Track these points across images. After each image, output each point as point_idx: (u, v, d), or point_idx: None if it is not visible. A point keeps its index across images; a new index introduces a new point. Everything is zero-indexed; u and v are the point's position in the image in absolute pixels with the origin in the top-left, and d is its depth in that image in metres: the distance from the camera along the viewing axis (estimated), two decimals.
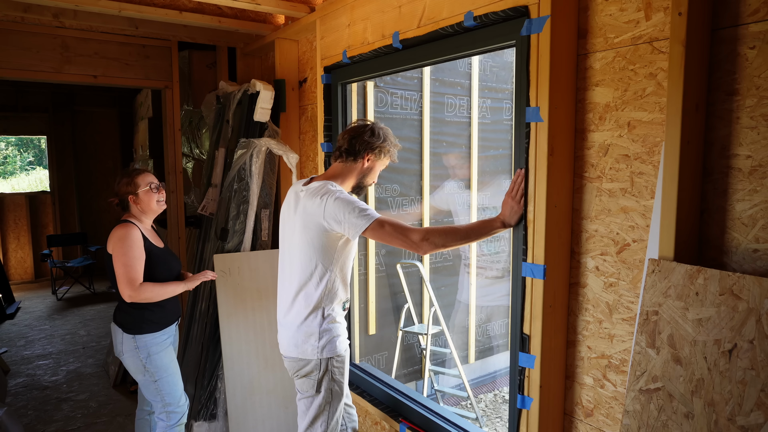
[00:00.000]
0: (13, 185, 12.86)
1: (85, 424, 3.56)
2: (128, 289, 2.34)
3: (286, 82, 3.33)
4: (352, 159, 2.09)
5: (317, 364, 2.02)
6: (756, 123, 1.27)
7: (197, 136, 4.79)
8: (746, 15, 1.27)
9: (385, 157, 2.13)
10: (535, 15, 1.61)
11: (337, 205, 1.90)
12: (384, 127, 2.13)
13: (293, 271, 2.07)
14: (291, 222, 2.09)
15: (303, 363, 2.04)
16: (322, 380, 2.03)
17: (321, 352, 2.02)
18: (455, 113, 3.96)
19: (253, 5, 2.79)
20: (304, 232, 2.01)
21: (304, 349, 2.03)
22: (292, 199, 2.14)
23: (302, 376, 2.06)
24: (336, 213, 1.90)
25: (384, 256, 3.68)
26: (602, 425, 1.65)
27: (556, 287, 1.69)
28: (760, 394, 1.14)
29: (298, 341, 2.04)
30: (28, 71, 3.39)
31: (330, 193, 1.94)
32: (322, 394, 2.04)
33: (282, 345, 2.13)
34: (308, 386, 2.05)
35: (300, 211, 2.03)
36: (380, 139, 2.09)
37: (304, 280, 2.03)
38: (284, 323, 2.12)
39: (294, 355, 2.06)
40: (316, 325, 2.02)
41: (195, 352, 3.28)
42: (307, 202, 2.00)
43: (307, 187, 2.05)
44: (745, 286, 1.18)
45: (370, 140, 2.07)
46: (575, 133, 1.67)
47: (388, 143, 2.11)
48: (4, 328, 5.73)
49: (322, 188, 1.98)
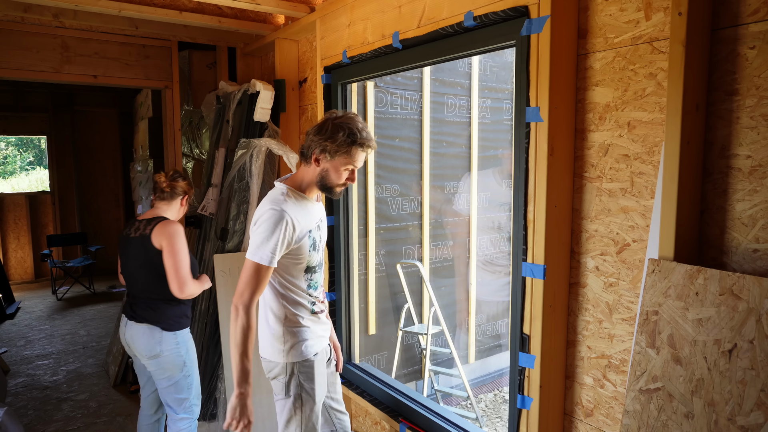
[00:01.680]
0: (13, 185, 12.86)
1: (85, 424, 3.56)
2: (179, 283, 2.38)
3: (286, 82, 3.33)
4: (304, 160, 1.93)
5: (283, 367, 1.98)
6: (756, 123, 1.27)
7: (197, 136, 4.79)
8: (746, 15, 1.27)
9: (337, 156, 1.84)
10: (535, 15, 1.61)
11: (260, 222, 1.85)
12: (343, 121, 1.84)
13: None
14: None
15: (272, 365, 2.02)
16: (289, 384, 2.00)
17: (286, 356, 1.97)
18: (455, 113, 3.96)
19: (253, 5, 2.79)
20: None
21: (271, 351, 2.00)
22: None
23: (272, 378, 2.04)
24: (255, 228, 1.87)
25: (384, 256, 3.68)
26: (602, 425, 1.65)
27: (556, 287, 1.69)
28: (760, 394, 1.14)
29: (266, 343, 2.02)
30: (28, 71, 3.39)
31: (264, 207, 1.88)
32: (291, 398, 2.00)
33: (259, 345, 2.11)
34: (278, 388, 2.03)
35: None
36: (326, 134, 1.82)
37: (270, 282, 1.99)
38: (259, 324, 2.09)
39: (264, 356, 2.04)
40: (279, 329, 1.98)
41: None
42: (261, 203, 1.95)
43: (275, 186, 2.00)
44: (745, 286, 1.18)
45: (315, 138, 1.85)
46: (575, 133, 1.67)
47: (338, 141, 1.81)
48: (4, 328, 5.73)
49: (270, 196, 1.93)
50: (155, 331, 2.44)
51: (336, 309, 2.91)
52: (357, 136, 1.83)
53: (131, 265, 2.51)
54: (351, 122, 1.84)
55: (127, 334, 2.50)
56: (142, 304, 2.47)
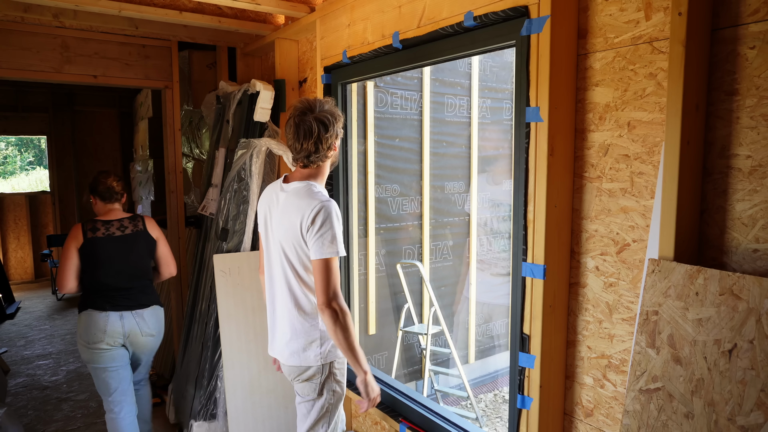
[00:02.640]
0: (13, 185, 12.86)
1: (85, 424, 3.56)
2: (174, 264, 2.98)
3: (286, 82, 3.33)
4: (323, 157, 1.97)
5: (319, 368, 1.99)
6: (756, 123, 1.27)
7: (197, 136, 4.79)
8: (746, 15, 1.27)
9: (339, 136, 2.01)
10: (535, 15, 1.61)
11: (317, 215, 1.85)
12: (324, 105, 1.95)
13: (282, 276, 2.00)
14: (276, 223, 2.00)
15: (304, 369, 2.00)
16: (324, 383, 2.00)
17: (324, 358, 1.98)
18: (455, 113, 3.96)
19: (253, 5, 2.79)
20: (288, 235, 1.93)
21: (305, 356, 1.98)
22: (273, 198, 2.04)
23: (303, 380, 2.02)
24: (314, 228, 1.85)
25: (384, 256, 3.68)
26: (602, 425, 1.65)
27: (556, 287, 1.69)
28: (760, 394, 1.14)
29: (298, 349, 1.98)
30: (28, 71, 3.39)
31: (321, 203, 1.87)
32: (324, 396, 2.01)
33: (279, 353, 2.07)
34: (309, 390, 2.01)
35: (287, 211, 1.94)
36: (334, 124, 1.95)
37: (295, 285, 1.97)
38: (279, 331, 2.05)
39: (295, 363, 2.00)
40: (316, 332, 1.97)
41: (195, 352, 3.28)
42: (292, 203, 1.92)
43: (290, 187, 1.97)
44: (745, 286, 1.18)
45: (331, 134, 1.93)
46: (575, 133, 1.67)
47: (337, 119, 1.97)
48: (4, 328, 5.73)
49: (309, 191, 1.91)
50: (159, 311, 2.88)
51: None
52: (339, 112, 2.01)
53: (129, 258, 2.74)
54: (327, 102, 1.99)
55: (129, 323, 2.71)
56: (139, 291, 2.78)
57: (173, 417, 3.48)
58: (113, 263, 2.70)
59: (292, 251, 1.94)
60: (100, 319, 2.65)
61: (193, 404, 3.15)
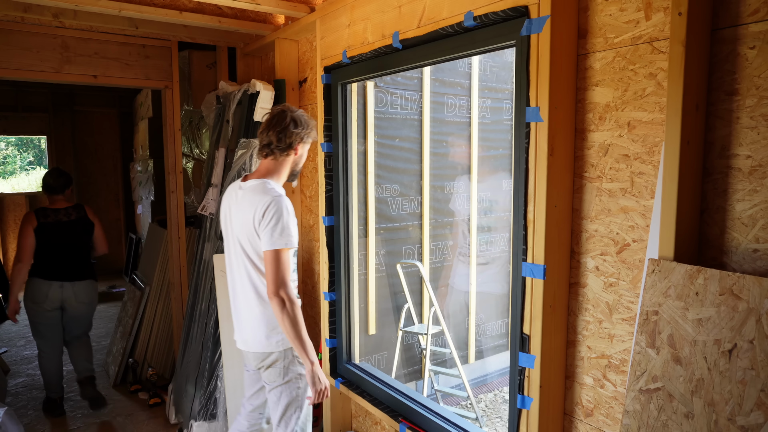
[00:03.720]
0: (13, 185, 12.86)
1: (85, 424, 3.56)
2: (107, 243, 3.81)
3: (286, 82, 3.33)
4: (285, 154, 2.15)
5: (281, 353, 2.10)
6: (756, 123, 1.27)
7: (197, 136, 4.79)
8: (746, 15, 1.27)
9: (308, 142, 2.21)
10: (535, 15, 1.61)
11: (269, 209, 1.99)
12: (300, 111, 2.19)
13: (242, 268, 2.13)
14: (234, 218, 2.15)
15: (264, 355, 2.11)
16: (288, 367, 2.10)
17: (285, 343, 2.09)
18: (455, 113, 3.96)
19: (253, 5, 2.79)
20: (244, 230, 2.08)
21: (268, 343, 2.09)
22: (232, 196, 2.19)
23: (268, 366, 2.12)
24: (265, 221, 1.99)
25: (384, 256, 3.68)
26: (602, 425, 1.65)
27: (556, 287, 1.69)
28: (760, 394, 1.14)
29: (261, 337, 2.10)
30: (28, 71, 3.39)
31: (272, 198, 2.01)
32: (290, 381, 2.11)
33: (243, 341, 2.18)
34: (275, 375, 2.11)
35: (242, 207, 2.09)
36: (305, 126, 2.16)
37: (254, 275, 2.09)
38: (243, 321, 2.17)
39: (259, 350, 2.11)
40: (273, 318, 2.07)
41: (195, 352, 3.28)
42: (247, 199, 2.07)
43: (246, 184, 2.12)
44: (745, 286, 1.18)
45: (296, 131, 2.13)
46: (575, 133, 1.67)
47: (310, 127, 2.18)
48: (4, 328, 5.73)
49: (264, 187, 2.06)
50: (93, 283, 3.67)
51: (336, 309, 2.91)
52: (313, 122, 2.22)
53: (71, 239, 3.54)
54: (305, 112, 2.22)
55: (67, 291, 3.51)
56: (80, 266, 3.58)
57: (173, 417, 3.48)
58: (59, 243, 3.48)
59: (248, 244, 2.08)
60: (44, 286, 3.45)
61: (193, 404, 3.15)
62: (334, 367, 2.96)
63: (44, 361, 3.61)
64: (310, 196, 3.35)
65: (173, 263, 4.11)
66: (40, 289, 3.45)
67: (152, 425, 3.51)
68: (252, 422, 2.37)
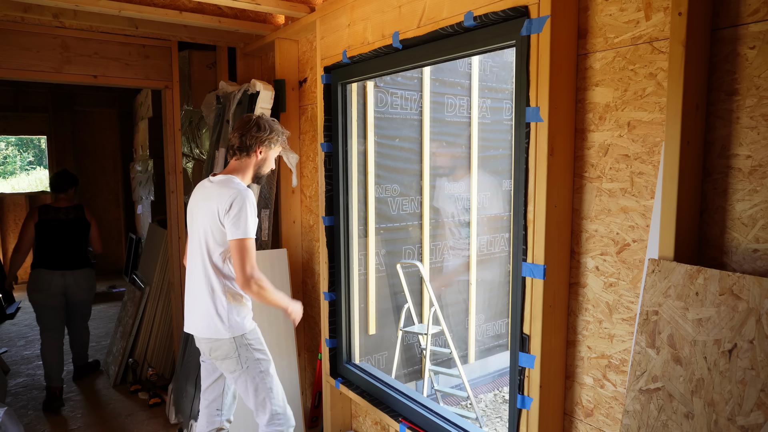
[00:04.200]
0: (13, 185, 12.86)
1: (85, 424, 3.56)
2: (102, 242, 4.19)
3: (286, 82, 3.33)
4: (245, 155, 2.28)
5: (231, 341, 2.21)
6: (756, 123, 1.27)
7: (197, 136, 4.79)
8: (746, 15, 1.27)
9: (275, 146, 2.34)
10: (535, 15, 1.61)
11: (234, 200, 2.13)
12: (269, 119, 2.33)
13: (199, 256, 2.25)
14: (200, 210, 2.26)
15: (218, 344, 2.22)
16: (243, 354, 2.21)
17: (232, 330, 2.21)
18: (455, 113, 3.96)
19: (253, 5, 2.79)
20: (207, 219, 2.20)
21: (216, 329, 2.20)
22: (200, 190, 2.31)
23: (222, 358, 2.22)
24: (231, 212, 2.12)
25: (384, 256, 3.68)
26: (602, 425, 1.66)
27: (556, 287, 1.69)
28: (760, 394, 1.14)
29: (210, 323, 2.21)
30: (28, 71, 3.39)
31: (238, 191, 2.15)
32: (248, 366, 2.22)
33: (193, 327, 2.29)
34: (231, 365, 2.23)
35: (209, 199, 2.21)
36: (266, 131, 2.28)
37: (209, 266, 2.21)
38: (194, 306, 2.27)
39: (207, 335, 2.23)
40: (222, 308, 2.20)
41: (195, 352, 3.28)
42: (214, 192, 2.20)
43: (215, 178, 2.26)
44: (745, 286, 1.18)
45: (257, 134, 2.26)
46: (575, 133, 1.67)
47: (275, 133, 2.31)
48: (4, 328, 5.73)
49: (230, 182, 2.21)
50: (90, 271, 4.03)
51: (336, 309, 2.91)
52: (283, 129, 2.37)
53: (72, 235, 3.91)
54: (275, 121, 2.35)
55: (69, 278, 3.86)
56: (78, 257, 3.94)
57: (173, 417, 3.48)
58: (58, 238, 3.85)
59: (210, 235, 2.20)
60: (48, 275, 3.81)
61: (193, 404, 3.15)
62: (334, 367, 2.96)
63: (46, 350, 3.82)
64: (310, 196, 3.35)
65: (173, 263, 4.11)
66: (44, 278, 3.80)
67: (152, 425, 3.51)
68: (210, 419, 2.41)
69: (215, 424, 2.41)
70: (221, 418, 2.42)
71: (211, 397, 2.42)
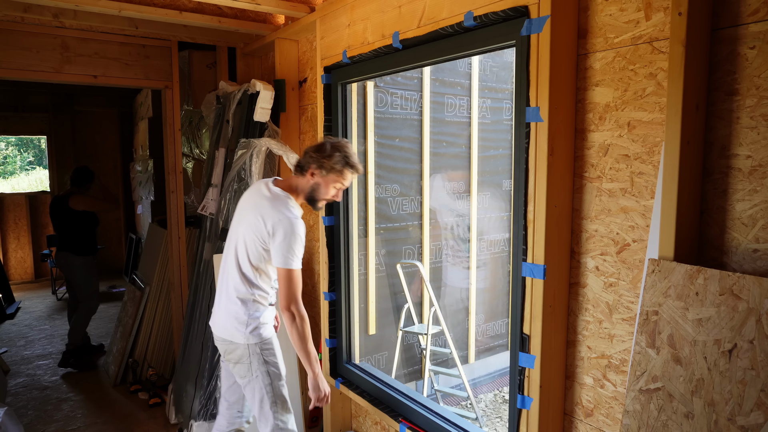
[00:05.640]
0: (13, 185, 12.85)
1: (85, 424, 3.56)
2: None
3: (286, 82, 3.33)
4: (300, 172, 2.22)
5: (245, 348, 2.18)
6: (756, 123, 1.27)
7: (197, 136, 4.79)
8: (746, 15, 1.27)
9: (330, 173, 2.15)
10: (535, 15, 1.61)
11: (285, 229, 2.07)
12: (340, 145, 2.18)
13: (232, 258, 2.23)
14: (245, 216, 2.21)
15: (233, 347, 2.20)
16: (254, 363, 2.19)
17: (248, 338, 2.18)
18: (455, 113, 3.96)
19: (253, 5, 2.79)
20: (250, 230, 2.15)
21: (234, 333, 2.19)
22: (255, 195, 2.24)
23: (235, 362, 2.22)
24: (278, 238, 2.07)
25: (384, 256, 3.68)
26: (602, 425, 1.65)
27: (556, 287, 1.69)
28: (760, 394, 1.14)
29: (229, 326, 2.21)
30: (28, 71, 3.39)
31: (288, 220, 2.08)
32: (260, 374, 2.19)
33: (215, 324, 2.30)
34: (243, 371, 2.21)
35: (257, 210, 2.15)
36: (324, 154, 2.15)
37: (242, 272, 2.19)
38: (220, 306, 2.27)
39: (224, 336, 2.23)
40: (244, 316, 2.18)
41: (195, 352, 3.28)
42: (266, 206, 2.13)
43: (272, 191, 2.19)
44: (745, 286, 1.18)
45: (314, 155, 2.16)
46: (575, 133, 1.67)
47: (334, 160, 2.13)
48: (4, 328, 5.73)
49: (284, 205, 2.13)
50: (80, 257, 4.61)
51: (336, 309, 2.91)
52: (350, 159, 2.17)
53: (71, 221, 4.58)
54: (345, 147, 2.19)
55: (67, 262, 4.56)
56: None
57: (173, 417, 3.48)
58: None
59: (247, 245, 2.17)
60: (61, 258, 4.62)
61: (193, 404, 3.16)
62: (334, 367, 2.96)
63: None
64: None
65: (173, 263, 4.11)
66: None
67: (152, 425, 3.51)
68: (231, 420, 2.40)
69: (236, 425, 2.40)
70: (242, 419, 2.41)
71: (233, 399, 2.40)
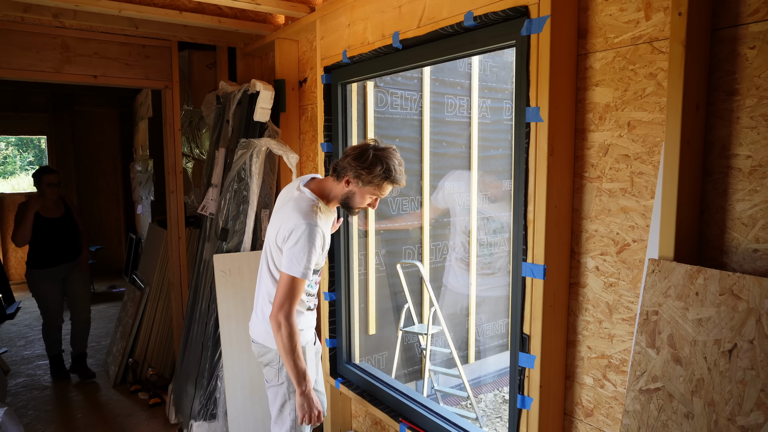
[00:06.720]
0: (13, 185, 12.85)
1: (84, 424, 3.56)
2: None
3: (286, 82, 3.33)
4: (335, 176, 2.08)
5: (276, 354, 2.11)
6: (756, 123, 1.27)
7: (197, 136, 4.79)
8: (746, 15, 1.27)
9: (367, 185, 2.01)
10: (535, 15, 1.61)
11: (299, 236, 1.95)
12: (384, 156, 1.99)
13: (265, 260, 2.19)
14: (276, 215, 2.16)
15: (265, 350, 2.17)
16: (282, 369, 2.13)
17: None
18: (455, 113, 3.96)
19: (253, 5, 2.79)
20: (274, 232, 2.10)
21: (267, 338, 2.14)
22: (287, 194, 2.19)
23: (265, 364, 2.18)
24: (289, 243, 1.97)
25: (384, 256, 3.68)
26: (602, 425, 1.65)
27: (556, 287, 1.69)
28: (760, 394, 1.14)
29: (262, 331, 2.17)
30: (28, 71, 3.39)
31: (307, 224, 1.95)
32: (285, 383, 2.13)
33: (251, 326, 2.27)
34: (271, 375, 2.17)
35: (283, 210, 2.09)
36: (365, 164, 1.97)
37: (270, 274, 2.15)
38: (256, 310, 2.24)
39: (258, 340, 2.20)
40: None
41: (195, 352, 3.28)
42: (289, 207, 2.04)
43: (301, 192, 2.08)
44: (745, 286, 1.18)
45: (353, 162, 2.00)
46: (575, 133, 1.67)
47: (374, 173, 1.97)
48: (4, 328, 5.73)
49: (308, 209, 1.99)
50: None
51: (336, 309, 2.91)
52: (392, 174, 2.00)
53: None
54: (390, 158, 2.00)
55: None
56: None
57: (173, 417, 3.48)
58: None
59: (274, 248, 2.11)
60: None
61: (193, 404, 3.15)
62: (334, 367, 2.96)
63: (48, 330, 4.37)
64: None
65: (173, 263, 4.11)
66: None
67: (152, 425, 3.51)
68: None
69: None
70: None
71: None
